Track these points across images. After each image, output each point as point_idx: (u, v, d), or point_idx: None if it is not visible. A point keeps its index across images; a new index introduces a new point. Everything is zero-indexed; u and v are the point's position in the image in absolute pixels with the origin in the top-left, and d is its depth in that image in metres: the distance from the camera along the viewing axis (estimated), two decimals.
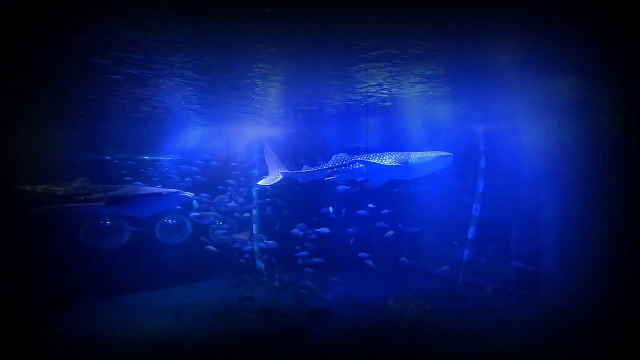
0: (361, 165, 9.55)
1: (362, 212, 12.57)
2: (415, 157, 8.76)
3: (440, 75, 7.76)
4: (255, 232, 13.95)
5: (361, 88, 8.60)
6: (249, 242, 12.97)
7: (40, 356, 8.47)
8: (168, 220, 13.74)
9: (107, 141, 13.83)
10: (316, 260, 12.29)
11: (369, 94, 8.92)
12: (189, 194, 8.37)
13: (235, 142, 14.17)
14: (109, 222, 13.12)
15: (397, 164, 8.83)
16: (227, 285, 12.92)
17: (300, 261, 12.25)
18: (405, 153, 8.96)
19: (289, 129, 13.20)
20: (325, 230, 12.19)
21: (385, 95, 9.08)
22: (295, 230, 12.30)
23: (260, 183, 11.36)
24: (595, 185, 9.62)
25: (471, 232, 12.92)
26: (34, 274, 11.09)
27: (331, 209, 12.95)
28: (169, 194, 8.10)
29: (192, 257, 13.19)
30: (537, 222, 11.83)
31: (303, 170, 10.78)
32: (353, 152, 14.56)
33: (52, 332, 9.49)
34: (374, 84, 8.23)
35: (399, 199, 13.50)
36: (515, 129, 12.03)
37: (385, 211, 12.74)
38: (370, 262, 11.89)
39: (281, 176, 11.00)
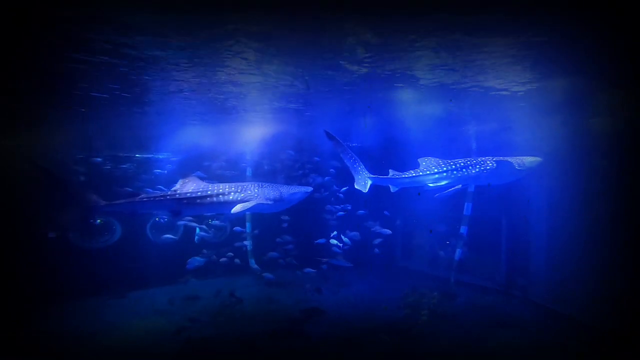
0: (477, 169, 8.76)
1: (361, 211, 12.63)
2: (528, 160, 8.78)
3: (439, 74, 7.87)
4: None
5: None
6: (347, 263, 12.49)
7: (29, 355, 8.37)
8: (160, 219, 13.66)
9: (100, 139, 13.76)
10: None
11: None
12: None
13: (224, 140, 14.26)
14: (99, 221, 13.00)
15: (520, 168, 8.69)
16: (221, 284, 12.87)
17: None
18: (511, 157, 8.83)
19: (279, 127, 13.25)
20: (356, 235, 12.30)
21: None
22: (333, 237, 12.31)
23: (357, 187, 9.62)
24: (585, 185, 9.77)
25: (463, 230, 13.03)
26: (24, 272, 10.97)
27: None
28: (311, 190, 9.40)
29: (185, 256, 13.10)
30: (527, 220, 11.99)
31: (392, 176, 9.37)
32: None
33: (37, 331, 9.40)
34: None
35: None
36: (505, 129, 12.19)
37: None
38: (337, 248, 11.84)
39: (370, 181, 9.47)
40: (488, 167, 8.84)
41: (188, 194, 8.70)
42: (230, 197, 8.73)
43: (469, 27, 5.77)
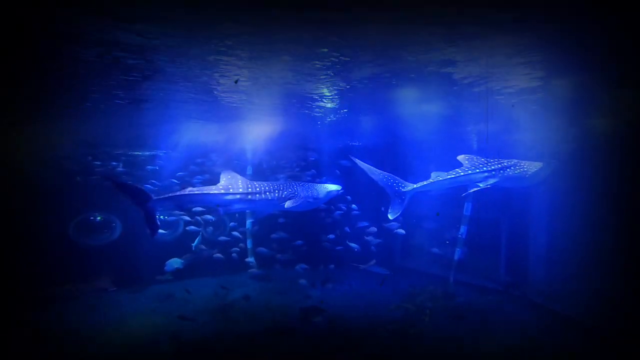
0: (519, 170, 8.64)
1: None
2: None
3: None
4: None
5: None
6: (385, 271, 12.27)
7: (25, 354, 8.38)
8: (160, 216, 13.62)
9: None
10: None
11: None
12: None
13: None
14: (99, 218, 12.98)
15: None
16: (219, 282, 12.86)
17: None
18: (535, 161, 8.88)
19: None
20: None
21: None
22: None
23: (390, 217, 9.28)
24: (586, 185, 9.77)
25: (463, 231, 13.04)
26: (22, 269, 10.95)
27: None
28: (342, 189, 9.67)
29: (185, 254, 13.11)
30: (526, 221, 12.02)
31: (435, 179, 8.95)
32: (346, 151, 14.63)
33: (32, 329, 9.42)
34: None
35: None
36: (506, 129, 12.18)
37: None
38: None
39: (408, 195, 9.03)
40: (525, 169, 8.79)
41: (240, 190, 8.87)
42: (276, 195, 9.00)
43: (476, 25, 5.74)
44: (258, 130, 13.50)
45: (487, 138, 12.20)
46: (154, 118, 12.04)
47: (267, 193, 8.97)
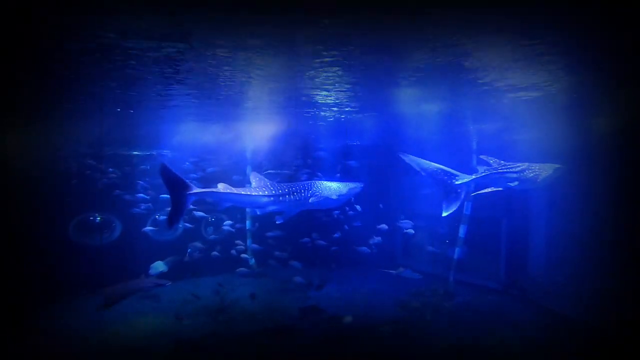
0: (533, 174, 8.72)
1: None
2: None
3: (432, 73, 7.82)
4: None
5: None
6: (417, 275, 12.13)
7: (29, 354, 8.40)
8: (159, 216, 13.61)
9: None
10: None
11: None
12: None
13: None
14: (98, 218, 12.99)
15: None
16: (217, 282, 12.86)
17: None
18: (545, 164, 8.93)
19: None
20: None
21: None
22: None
23: (445, 213, 9.11)
24: (586, 185, 9.78)
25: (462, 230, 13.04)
26: (23, 269, 10.97)
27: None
28: (363, 186, 10.03)
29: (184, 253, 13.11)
30: (526, 221, 12.02)
31: (485, 171, 9.02)
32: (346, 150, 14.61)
33: (39, 329, 9.47)
34: None
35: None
36: (506, 129, 12.18)
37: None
38: None
39: (465, 189, 8.91)
40: (537, 173, 8.88)
41: (273, 192, 9.10)
42: (302, 195, 9.31)
43: (476, 25, 5.73)
44: (260, 130, 13.51)
45: None
46: (155, 119, 12.07)
47: (295, 193, 9.24)
